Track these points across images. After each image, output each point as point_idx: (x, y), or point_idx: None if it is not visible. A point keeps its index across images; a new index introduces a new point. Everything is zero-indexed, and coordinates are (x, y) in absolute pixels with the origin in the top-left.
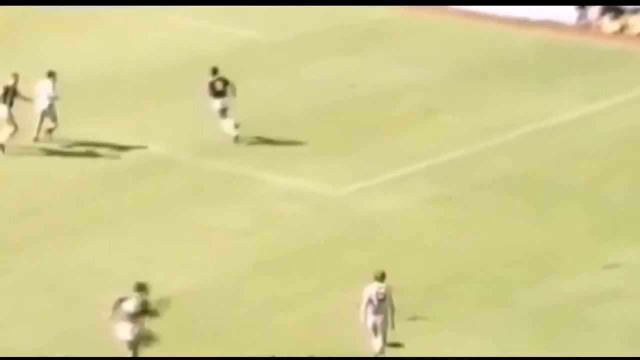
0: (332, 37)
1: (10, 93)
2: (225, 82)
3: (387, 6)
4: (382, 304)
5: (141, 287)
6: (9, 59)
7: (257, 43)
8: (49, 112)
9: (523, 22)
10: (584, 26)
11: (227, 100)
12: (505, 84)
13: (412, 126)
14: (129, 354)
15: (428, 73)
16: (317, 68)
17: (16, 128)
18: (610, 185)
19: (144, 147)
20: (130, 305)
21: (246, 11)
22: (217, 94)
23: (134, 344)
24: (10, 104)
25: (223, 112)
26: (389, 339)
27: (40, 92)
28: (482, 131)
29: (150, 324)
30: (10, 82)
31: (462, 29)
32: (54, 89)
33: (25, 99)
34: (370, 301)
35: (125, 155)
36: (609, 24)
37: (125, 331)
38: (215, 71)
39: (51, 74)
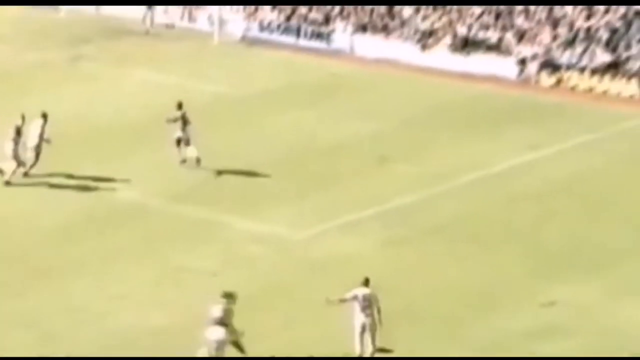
0: (293, 92)
1: (18, 132)
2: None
3: (342, 62)
4: (368, 308)
5: (228, 295)
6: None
7: (225, 97)
8: (37, 149)
9: (468, 77)
10: (523, 80)
11: (189, 131)
12: (452, 134)
13: (366, 174)
14: (217, 355)
15: (381, 124)
16: (279, 120)
17: (18, 165)
18: (548, 228)
19: (121, 194)
20: (218, 311)
21: (214, 68)
22: (185, 124)
23: (221, 346)
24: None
25: (187, 141)
26: None
27: (32, 130)
28: (431, 178)
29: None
30: (19, 122)
31: (411, 83)
32: (43, 128)
33: (48, 140)
34: (356, 299)
35: (103, 201)
36: (547, 79)
37: (214, 334)
38: (180, 106)
39: (44, 115)
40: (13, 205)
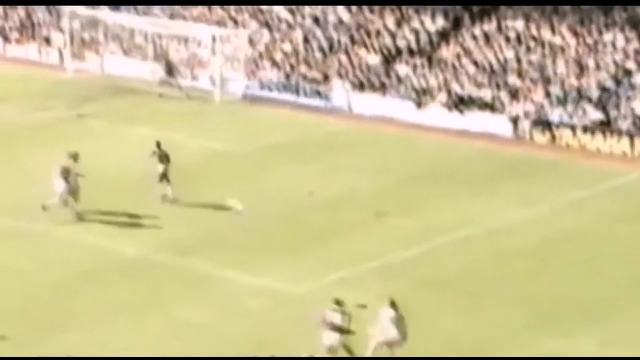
0: (292, 148)
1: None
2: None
3: (340, 120)
4: (397, 323)
5: (340, 303)
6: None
7: (226, 154)
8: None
9: (463, 134)
10: (518, 138)
11: (168, 167)
12: (449, 190)
13: (364, 228)
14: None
15: (378, 180)
16: (278, 176)
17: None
18: (542, 283)
19: (123, 247)
20: (335, 317)
21: (216, 126)
22: (165, 161)
23: (338, 349)
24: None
25: (164, 176)
26: None
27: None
28: (428, 233)
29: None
30: (65, 161)
31: (408, 140)
32: (74, 168)
33: (79, 175)
34: (385, 320)
35: (106, 254)
36: (540, 136)
37: (330, 338)
38: (159, 145)
39: (74, 155)
40: (15, 257)
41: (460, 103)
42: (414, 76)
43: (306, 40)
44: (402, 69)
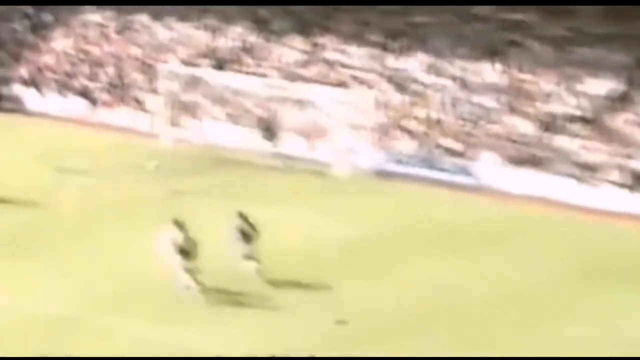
0: (430, 235)
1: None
2: (252, 227)
3: (488, 200)
4: None
5: None
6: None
7: (352, 241)
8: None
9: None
10: None
11: (254, 246)
12: (629, 289)
13: (522, 335)
14: None
15: (539, 275)
16: (413, 269)
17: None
18: None
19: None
20: None
21: (340, 206)
22: (246, 238)
23: None
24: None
25: (249, 256)
26: None
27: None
28: (607, 344)
29: None
30: (176, 234)
31: (571, 225)
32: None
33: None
34: None
35: None
36: None
37: None
38: (242, 215)
39: (178, 223)
40: None
41: (637, 181)
42: (579, 149)
43: (447, 105)
44: (563, 140)
